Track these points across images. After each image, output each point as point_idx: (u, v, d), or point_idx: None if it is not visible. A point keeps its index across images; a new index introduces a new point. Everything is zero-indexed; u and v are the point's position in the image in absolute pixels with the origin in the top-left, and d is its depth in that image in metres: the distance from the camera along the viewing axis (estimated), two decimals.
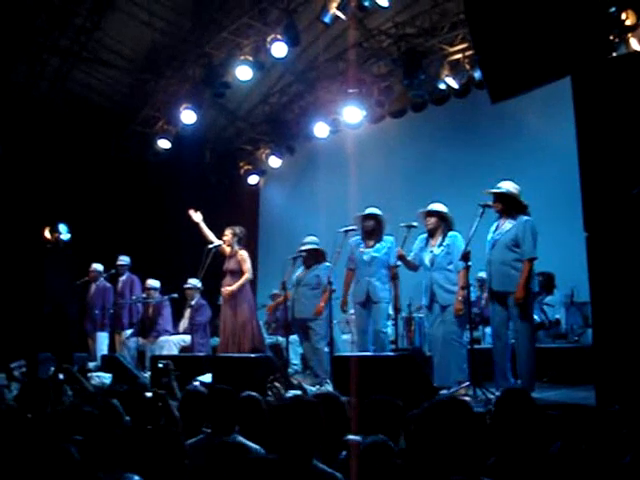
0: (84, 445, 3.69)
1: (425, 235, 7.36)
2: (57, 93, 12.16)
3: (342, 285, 8.16)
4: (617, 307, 5.00)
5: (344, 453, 3.33)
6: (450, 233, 7.21)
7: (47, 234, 12.52)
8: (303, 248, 8.43)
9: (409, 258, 7.38)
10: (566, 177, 6.27)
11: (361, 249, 7.89)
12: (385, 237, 7.85)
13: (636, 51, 7.70)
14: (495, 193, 6.65)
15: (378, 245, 7.81)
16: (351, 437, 3.39)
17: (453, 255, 7.03)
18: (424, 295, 7.27)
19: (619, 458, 3.13)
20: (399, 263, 7.45)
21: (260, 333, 9.13)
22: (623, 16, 7.62)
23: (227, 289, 8.82)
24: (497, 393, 6.04)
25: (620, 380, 4.87)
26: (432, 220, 7.23)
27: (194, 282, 10.12)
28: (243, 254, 9.02)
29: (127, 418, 4.41)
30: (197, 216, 9.22)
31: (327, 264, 8.29)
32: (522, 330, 6.45)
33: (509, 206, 6.58)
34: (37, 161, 12.07)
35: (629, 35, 7.78)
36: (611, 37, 7.17)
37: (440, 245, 7.17)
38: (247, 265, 8.97)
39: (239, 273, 8.92)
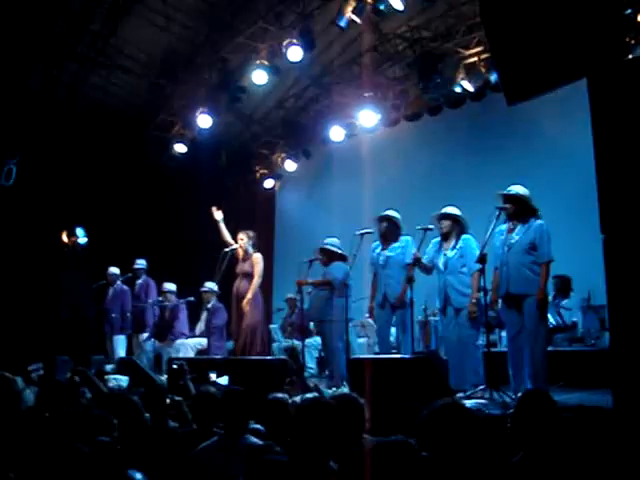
0: (101, 445, 3.74)
1: (439, 238, 7.37)
2: (74, 98, 12.25)
3: (360, 288, 8.20)
4: (635, 310, 4.97)
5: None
6: (463, 236, 7.22)
7: (65, 238, 12.60)
8: (320, 247, 8.46)
9: (424, 261, 7.38)
10: (582, 179, 6.23)
11: (377, 251, 7.92)
12: (402, 237, 7.86)
13: None
14: (507, 195, 6.64)
15: (393, 245, 7.84)
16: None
17: (466, 258, 7.04)
18: (438, 298, 7.28)
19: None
20: (411, 262, 7.45)
21: (268, 339, 9.17)
22: (639, 18, 7.60)
23: (245, 300, 8.83)
24: (513, 396, 6.04)
25: (638, 384, 4.84)
26: (446, 223, 7.25)
27: (211, 285, 10.16)
28: (257, 257, 9.06)
29: (147, 415, 4.45)
30: (218, 214, 9.29)
31: (339, 263, 8.28)
32: (537, 333, 6.44)
33: (521, 209, 6.58)
34: (55, 165, 12.16)
35: None
36: (627, 39, 7.15)
37: (454, 248, 7.18)
38: (258, 268, 8.99)
39: (253, 276, 8.96)
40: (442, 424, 2.60)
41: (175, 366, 7.08)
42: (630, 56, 6.77)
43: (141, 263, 11.22)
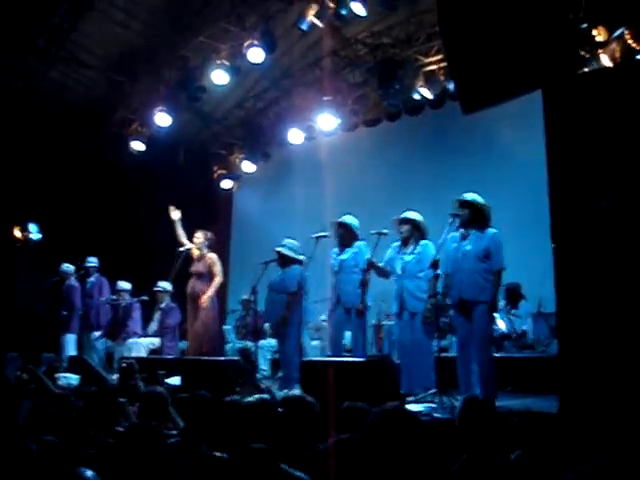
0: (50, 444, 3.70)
1: (398, 243, 7.43)
2: (32, 91, 12.07)
3: (317, 290, 8.23)
4: (583, 318, 5.06)
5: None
6: (422, 241, 7.29)
7: (17, 233, 12.42)
8: (276, 249, 8.45)
9: (381, 265, 7.44)
10: (535, 188, 6.34)
11: (334, 256, 7.96)
12: (356, 243, 7.90)
13: (606, 67, 7.84)
14: (462, 201, 6.73)
15: (347, 250, 7.87)
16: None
17: (424, 263, 7.10)
18: (394, 302, 7.34)
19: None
20: (365, 267, 7.51)
21: (220, 339, 9.15)
22: (594, 32, 7.76)
23: (205, 297, 8.81)
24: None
25: (583, 390, 4.94)
26: (405, 227, 7.32)
27: (164, 285, 10.11)
28: (212, 257, 9.05)
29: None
30: (176, 214, 9.25)
31: (296, 267, 8.29)
32: (485, 339, 6.55)
33: (476, 216, 6.67)
34: (8, 159, 11.97)
35: (600, 51, 7.92)
36: (582, 52, 7.30)
37: (412, 253, 7.25)
38: (217, 268, 9.00)
39: (207, 276, 8.94)
40: (386, 429, 2.63)
41: (124, 365, 7.02)
42: (585, 69, 6.93)
43: (93, 261, 11.10)
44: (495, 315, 7.62)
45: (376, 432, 2.61)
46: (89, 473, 2.87)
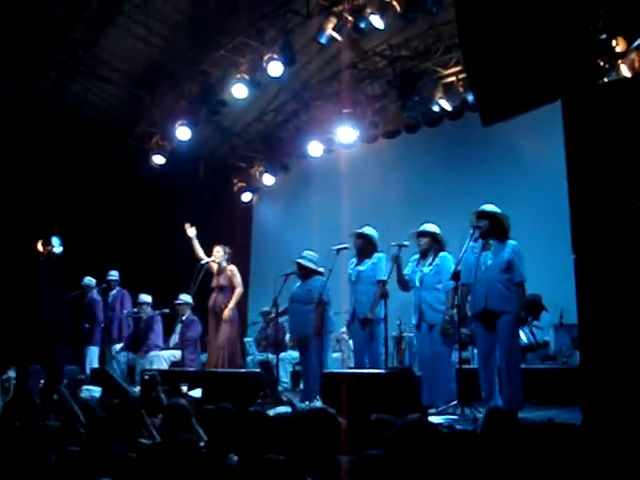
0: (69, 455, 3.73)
1: (417, 255, 7.43)
2: (53, 106, 12.22)
3: (337, 302, 8.24)
4: (604, 329, 5.04)
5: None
6: (441, 253, 7.29)
7: (40, 247, 12.54)
8: (296, 261, 8.47)
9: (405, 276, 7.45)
10: (555, 199, 6.33)
11: (352, 267, 7.97)
12: (375, 254, 7.90)
13: (626, 77, 7.83)
14: (482, 212, 6.72)
15: (365, 261, 7.87)
16: None
17: (442, 275, 7.11)
18: (413, 314, 7.34)
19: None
20: (384, 278, 7.50)
21: (242, 352, 9.19)
22: (613, 43, 7.75)
23: (227, 311, 8.85)
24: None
25: (607, 401, 4.91)
26: (424, 240, 7.32)
27: (185, 298, 10.16)
28: (232, 269, 9.10)
29: None
30: (192, 231, 9.30)
31: (320, 278, 8.31)
32: (511, 351, 6.52)
33: (496, 227, 6.66)
34: (31, 173, 12.10)
35: (619, 61, 7.90)
36: (601, 63, 7.29)
37: (430, 264, 7.25)
38: (237, 279, 9.05)
39: (229, 288, 8.98)
40: (408, 441, 2.63)
41: (147, 377, 7.06)
42: (604, 79, 6.92)
43: (114, 274, 11.19)
44: None
45: (398, 444, 2.61)
46: None
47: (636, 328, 4.80)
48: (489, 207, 6.74)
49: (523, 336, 9.06)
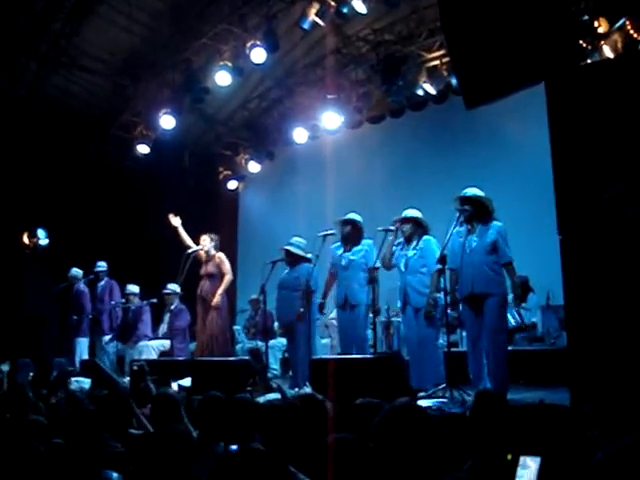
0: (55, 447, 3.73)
1: (401, 239, 7.45)
2: (36, 98, 12.12)
3: (323, 288, 8.24)
4: (591, 309, 5.08)
5: None
6: (424, 237, 7.31)
7: (25, 239, 12.47)
8: (284, 247, 8.47)
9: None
10: (541, 181, 6.35)
11: (339, 253, 7.98)
12: (363, 240, 7.91)
13: (609, 58, 7.84)
14: (465, 197, 6.74)
15: (355, 248, 7.89)
16: None
17: (426, 258, 7.14)
18: (399, 298, 7.37)
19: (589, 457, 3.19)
20: (378, 265, 7.55)
21: (231, 339, 9.20)
22: (596, 24, 7.76)
23: (216, 298, 8.84)
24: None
25: (593, 381, 4.96)
26: (407, 226, 7.34)
27: (173, 287, 10.14)
28: (221, 256, 9.09)
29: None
30: (176, 220, 9.27)
31: (307, 264, 8.31)
32: (499, 332, 6.55)
33: (480, 210, 6.67)
34: (15, 166, 12.03)
35: (602, 42, 7.92)
36: (584, 44, 7.30)
37: (414, 248, 7.28)
38: (226, 266, 9.04)
39: (217, 276, 8.97)
40: (397, 425, 2.64)
41: (135, 367, 7.06)
42: (587, 61, 6.93)
43: (102, 265, 11.14)
44: None
45: (387, 428, 2.62)
46: (115, 475, 2.90)
47: (621, 307, 4.85)
48: (471, 191, 6.75)
49: (510, 318, 9.11)
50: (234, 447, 3.93)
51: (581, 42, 7.05)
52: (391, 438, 2.58)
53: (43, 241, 12.50)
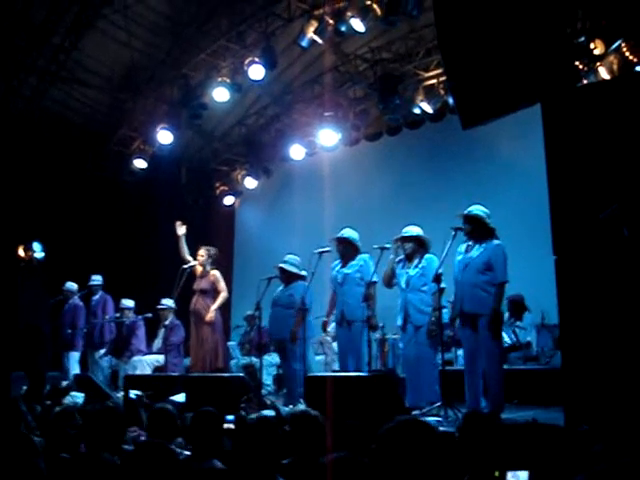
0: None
1: (402, 257, 7.44)
2: (34, 111, 12.15)
3: (321, 305, 8.24)
4: (585, 329, 5.08)
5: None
6: (426, 255, 7.29)
7: (21, 252, 12.44)
8: (278, 265, 8.47)
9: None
10: (536, 201, 6.39)
11: (337, 269, 7.98)
12: (360, 256, 7.90)
13: (605, 80, 7.89)
14: (465, 215, 6.75)
15: (350, 263, 7.88)
16: None
17: (428, 277, 7.10)
18: (399, 316, 7.35)
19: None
20: (375, 280, 7.53)
21: (225, 355, 9.18)
22: (592, 45, 7.82)
23: (210, 313, 8.82)
24: None
25: (588, 401, 4.95)
26: (409, 245, 7.31)
27: (167, 302, 10.11)
28: (216, 274, 9.06)
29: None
30: (182, 229, 9.27)
31: (302, 282, 8.31)
32: (492, 352, 6.54)
33: (478, 229, 6.67)
34: (12, 178, 12.02)
35: (598, 64, 7.97)
36: (580, 66, 7.36)
37: (416, 267, 7.26)
38: (222, 284, 9.03)
39: (211, 293, 8.95)
40: (402, 439, 2.63)
41: (134, 397, 7.04)
42: (583, 82, 6.98)
43: (97, 279, 11.11)
44: None
45: (391, 442, 2.62)
46: None
47: (616, 328, 4.85)
48: (475, 209, 6.75)
49: (505, 336, 9.11)
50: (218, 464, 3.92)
51: (577, 63, 7.11)
52: (395, 452, 2.58)
53: (38, 254, 12.46)
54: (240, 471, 2.98)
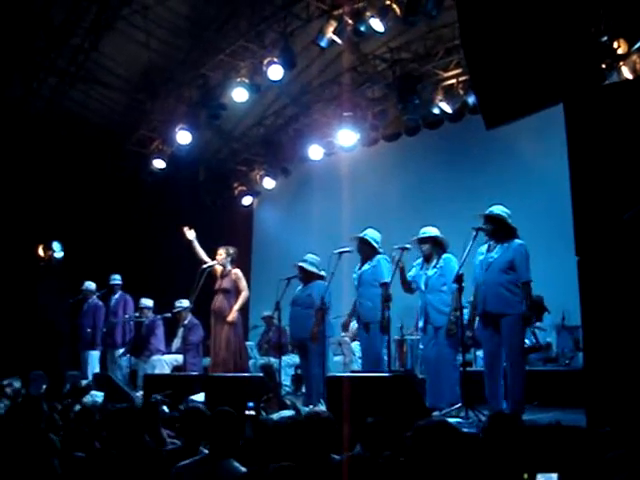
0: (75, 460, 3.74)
1: (421, 259, 7.42)
2: (53, 112, 12.22)
3: (339, 305, 8.24)
4: (607, 331, 5.04)
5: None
6: (444, 255, 7.26)
7: (41, 252, 12.53)
8: (298, 264, 8.44)
9: (408, 279, 7.42)
10: (558, 201, 6.35)
11: (355, 270, 7.96)
12: (376, 256, 7.85)
13: (627, 79, 7.83)
14: (486, 216, 6.71)
15: (366, 264, 7.84)
16: None
17: (447, 277, 7.06)
18: (420, 317, 7.33)
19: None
20: (387, 280, 7.46)
21: (244, 355, 9.18)
22: (615, 45, 7.76)
23: (233, 313, 8.81)
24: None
25: (610, 403, 4.92)
26: (426, 246, 7.29)
27: (183, 303, 10.09)
28: (237, 272, 9.05)
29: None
30: (190, 233, 9.25)
31: (321, 282, 8.29)
32: (514, 353, 6.50)
33: (500, 229, 6.64)
34: (32, 178, 12.10)
35: (621, 63, 7.91)
36: (603, 65, 7.30)
37: (434, 267, 7.23)
38: (243, 283, 9.00)
39: (232, 292, 8.93)
40: (433, 441, 2.63)
41: (154, 400, 7.05)
42: (606, 82, 6.92)
43: (116, 278, 11.15)
44: None
45: (422, 444, 2.61)
46: None
47: (639, 329, 4.81)
48: (496, 209, 6.71)
49: (525, 338, 9.06)
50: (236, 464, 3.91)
51: (600, 63, 7.04)
52: (426, 453, 2.57)
53: (58, 254, 12.55)
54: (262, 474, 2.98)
